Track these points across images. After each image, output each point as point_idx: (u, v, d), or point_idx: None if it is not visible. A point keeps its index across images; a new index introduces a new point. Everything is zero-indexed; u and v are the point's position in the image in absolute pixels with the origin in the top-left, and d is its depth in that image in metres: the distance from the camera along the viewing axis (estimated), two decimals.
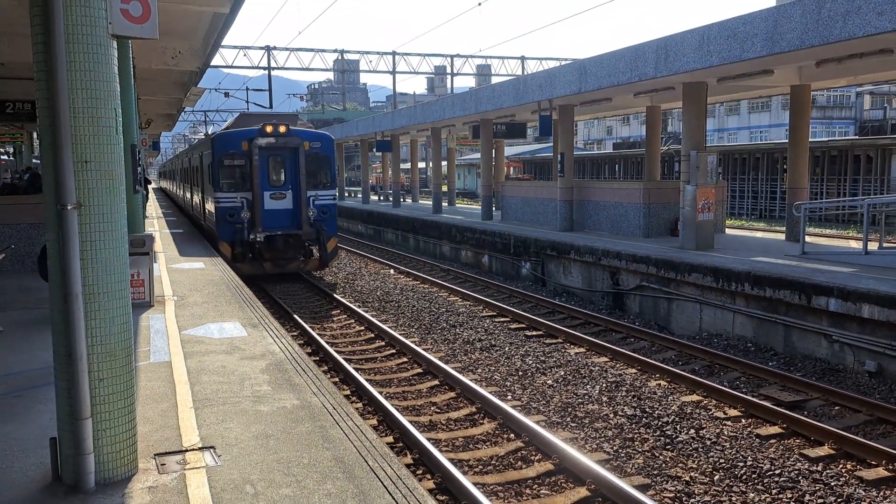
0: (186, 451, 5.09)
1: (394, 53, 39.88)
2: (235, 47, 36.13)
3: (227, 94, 40.16)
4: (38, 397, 6.17)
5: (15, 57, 12.15)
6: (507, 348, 12.16)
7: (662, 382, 10.55)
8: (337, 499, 4.33)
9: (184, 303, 10.54)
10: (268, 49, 36.43)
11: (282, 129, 16.67)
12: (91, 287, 4.36)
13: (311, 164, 17.06)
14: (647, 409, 9.32)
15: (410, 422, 8.47)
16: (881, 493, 7.07)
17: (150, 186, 26.56)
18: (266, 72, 37.02)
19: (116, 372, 4.49)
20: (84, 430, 4.37)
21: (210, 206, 17.66)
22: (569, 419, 9.03)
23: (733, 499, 6.99)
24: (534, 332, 13.48)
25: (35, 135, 27.19)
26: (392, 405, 8.95)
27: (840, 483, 7.28)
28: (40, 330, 5.85)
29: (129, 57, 10.92)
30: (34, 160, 31.62)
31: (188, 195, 27.97)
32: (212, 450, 5.10)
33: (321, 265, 17.74)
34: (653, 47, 15.73)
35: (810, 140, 19.13)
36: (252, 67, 37.59)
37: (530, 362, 11.40)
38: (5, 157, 35.72)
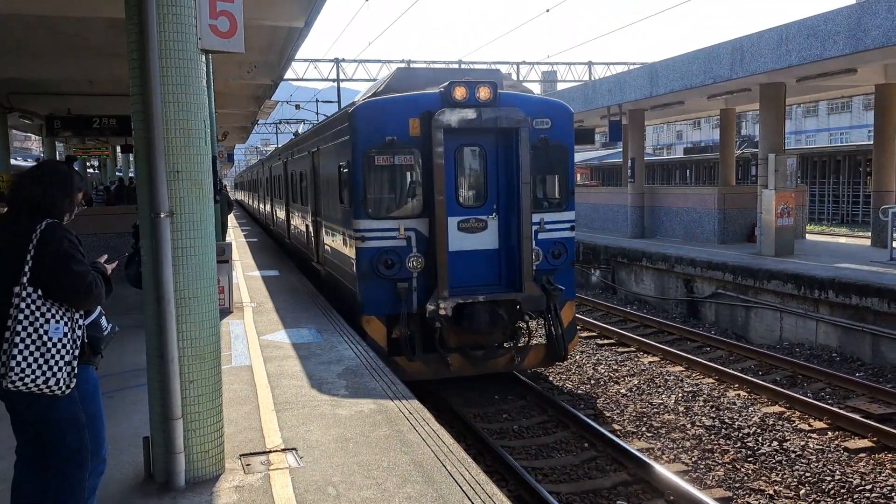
0: (270, 452, 5.22)
1: (460, 63, 40.17)
2: (306, 60, 36.99)
3: (297, 107, 41.15)
4: (130, 398, 6.44)
5: (102, 74, 12.77)
6: (577, 356, 12.01)
7: (742, 393, 10.22)
8: (416, 502, 4.36)
9: (261, 309, 10.84)
10: (336, 61, 37.18)
11: (483, 92, 8.87)
12: (182, 292, 4.53)
13: (538, 160, 9.38)
14: (727, 420, 9.05)
15: (483, 428, 8.48)
16: None
17: (228, 195, 22.25)
18: (335, 84, 37.78)
19: (205, 374, 4.65)
20: (175, 430, 4.54)
21: (340, 245, 10.28)
22: (644, 429, 8.84)
23: None
24: (605, 341, 13.28)
25: (118, 148, 28.39)
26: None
27: None
28: (131, 334, 6.12)
29: (210, 71, 11.34)
30: (117, 172, 33.08)
31: (278, 213, 20.83)
32: (294, 451, 5.22)
33: (554, 357, 9.82)
34: (728, 48, 15.33)
35: None
36: (322, 80, 38.40)
37: (602, 371, 11.23)
38: (91, 169, 37.56)
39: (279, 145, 31.68)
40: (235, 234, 25.60)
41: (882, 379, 10.70)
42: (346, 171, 9.51)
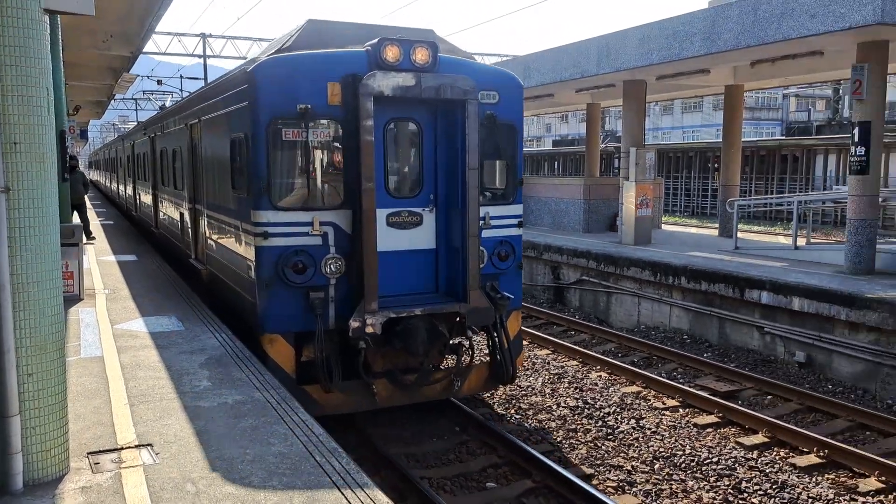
0: (122, 449, 4.86)
1: None
2: (169, 34, 34.90)
3: (159, 82, 38.86)
4: None
5: None
6: None
7: (603, 374, 10.72)
8: (283, 495, 4.19)
9: (116, 296, 10.13)
10: (203, 36, 35.38)
11: (422, 54, 7.31)
12: (20, 276, 4.09)
13: (482, 142, 7.75)
14: (589, 401, 9.44)
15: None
16: (813, 479, 7.34)
17: (83, 174, 19.58)
18: (201, 60, 35.97)
19: (47, 366, 4.24)
20: (11, 428, 4.10)
21: (232, 242, 8.39)
22: (512, 411, 9.06)
23: (673, 487, 7.14)
24: None
25: None
26: None
27: (774, 470, 7.52)
28: None
29: (59, 37, 10.40)
30: None
31: (143, 197, 18.12)
32: (149, 447, 4.88)
33: (499, 378, 8.34)
34: (595, 45, 15.93)
35: (741, 140, 19.73)
36: (187, 55, 36.45)
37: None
38: None
39: (133, 127, 27.49)
40: (90, 217, 23.84)
41: (727, 359, 11.56)
42: (242, 148, 7.56)
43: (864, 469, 7.45)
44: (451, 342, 8.15)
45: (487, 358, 8.48)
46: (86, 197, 16.94)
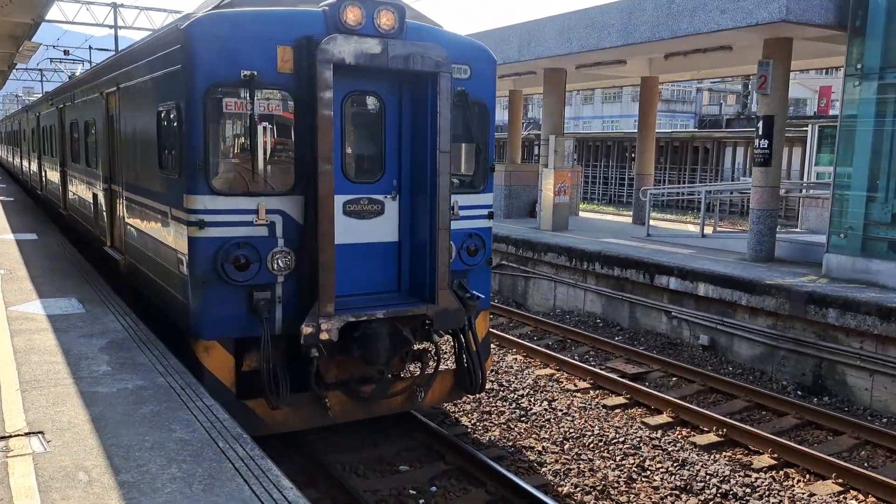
0: (10, 437, 4.59)
1: None
2: (77, 1, 33.15)
3: (66, 52, 36.84)
4: None
5: None
6: None
7: (519, 357, 10.89)
8: (182, 482, 4.07)
9: (12, 276, 9.57)
10: (114, 6, 33.73)
11: (387, 18, 6.50)
12: None
13: (454, 123, 6.97)
14: (505, 383, 9.58)
15: None
16: (711, 457, 7.68)
17: None
18: (112, 30, 34.27)
19: None
20: None
21: (158, 230, 7.35)
22: None
23: (581, 466, 7.33)
24: None
25: None
26: None
27: (676, 448, 7.82)
28: None
29: None
30: None
31: (49, 174, 16.61)
32: (40, 435, 4.64)
33: (466, 386, 7.49)
34: (517, 31, 16.05)
35: (656, 131, 20.35)
36: (96, 25, 34.67)
37: None
38: None
39: (38, 98, 24.58)
40: None
41: (636, 342, 11.94)
42: (172, 119, 6.59)
43: (758, 447, 7.85)
44: (415, 348, 7.22)
45: (448, 364, 7.64)
46: None
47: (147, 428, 4.81)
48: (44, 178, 17.91)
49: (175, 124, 6.47)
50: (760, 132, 12.09)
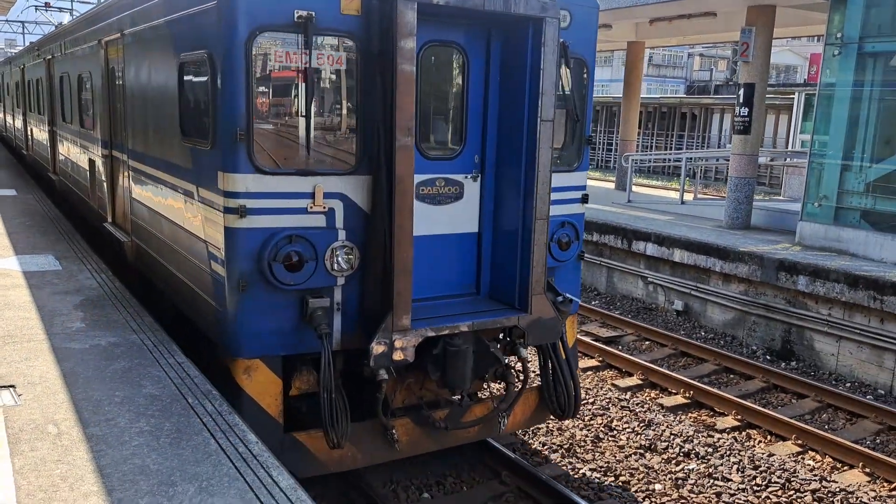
0: None
1: None
2: None
3: (47, 4, 36.00)
4: None
5: None
6: None
7: None
8: (150, 436, 4.17)
9: None
10: None
11: None
12: None
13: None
14: None
15: None
16: (677, 418, 7.89)
17: None
18: None
19: None
20: None
21: (181, 215, 5.95)
22: None
23: (550, 426, 7.52)
24: None
25: None
26: None
27: (644, 409, 8.03)
28: None
29: None
30: None
31: (36, 134, 15.12)
32: (11, 388, 4.72)
33: (554, 408, 6.19)
34: None
35: (645, 96, 20.34)
36: None
37: None
38: None
39: (22, 49, 22.16)
40: None
41: (612, 307, 12.12)
42: (201, 74, 5.28)
43: (723, 409, 8.07)
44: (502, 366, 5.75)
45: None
46: None
47: (118, 383, 4.90)
48: (30, 138, 16.42)
49: (206, 80, 5.09)
50: (741, 100, 12.13)
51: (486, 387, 6.68)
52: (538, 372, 6.29)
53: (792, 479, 6.66)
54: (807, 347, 9.76)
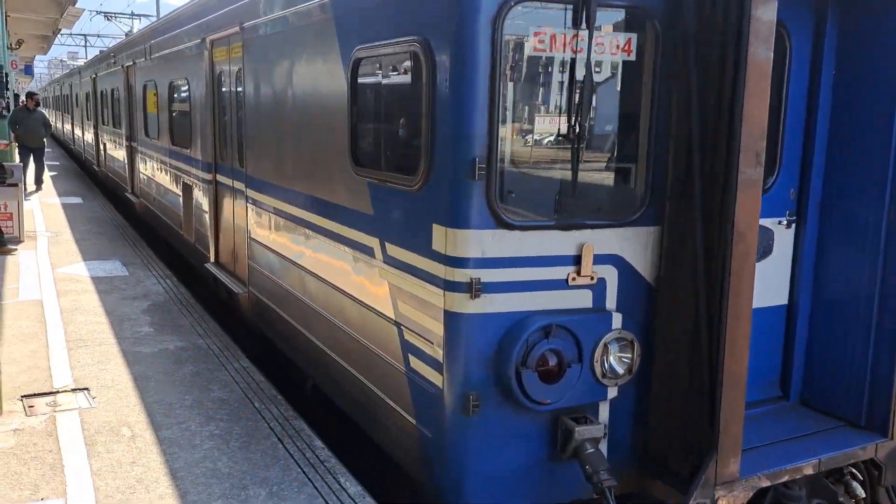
0: (58, 392, 4.82)
1: None
2: None
3: (108, 17, 37.28)
4: None
5: None
6: None
7: None
8: (220, 440, 4.23)
9: (58, 239, 9.89)
10: None
11: None
12: None
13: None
14: None
15: None
16: None
17: (45, 115, 15.65)
18: None
19: None
20: None
21: (336, 272, 4.35)
22: None
23: None
24: None
25: None
26: None
27: None
28: None
29: None
30: None
31: (109, 148, 14.12)
32: (86, 391, 4.85)
33: None
34: None
35: None
36: None
37: None
38: None
39: (96, 56, 19.67)
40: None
41: None
42: (398, 76, 3.87)
43: None
44: None
45: None
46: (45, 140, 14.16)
47: (187, 387, 4.99)
48: (102, 153, 15.36)
49: (410, 84, 3.59)
50: None
51: None
52: None
53: None
54: None
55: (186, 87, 7.82)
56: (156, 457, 4.00)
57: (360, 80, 4.01)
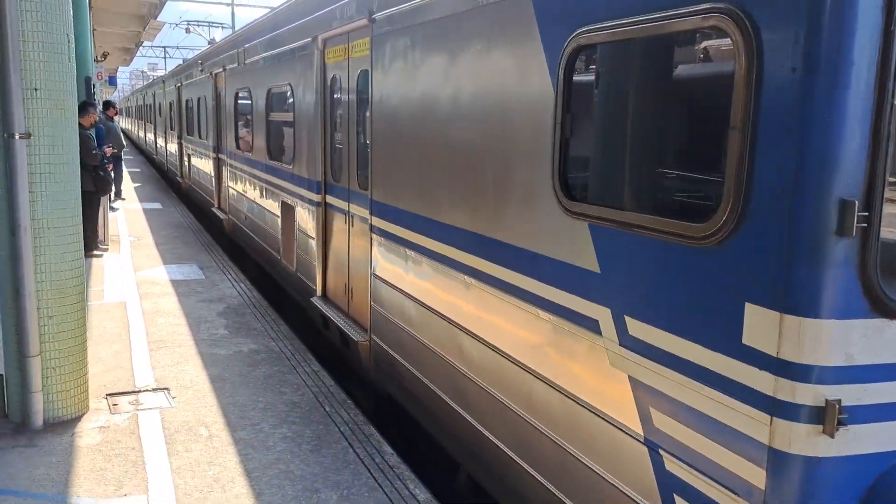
0: (140, 391, 5.01)
1: None
2: None
3: (188, 30, 38.75)
4: None
5: None
6: None
7: None
8: (292, 442, 4.31)
9: (140, 243, 10.32)
10: None
11: None
12: (40, 221, 4.19)
13: None
14: None
15: None
16: None
17: (118, 128, 16.00)
18: (230, 6, 35.80)
19: (67, 309, 4.36)
20: (32, 368, 4.25)
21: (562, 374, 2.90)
22: None
23: None
24: None
25: None
26: None
27: None
28: None
29: None
30: None
31: (196, 163, 13.44)
32: (166, 391, 5.03)
33: None
34: None
35: None
36: (215, 3, 36.33)
37: None
38: None
39: (180, 64, 19.16)
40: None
41: None
42: (673, 72, 2.65)
43: None
44: None
45: None
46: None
47: (260, 389, 5.11)
48: (186, 165, 14.78)
49: (694, 74, 2.63)
50: None
51: None
52: None
53: None
54: None
55: (289, 94, 6.90)
56: (232, 457, 4.11)
57: (577, 79, 2.86)
